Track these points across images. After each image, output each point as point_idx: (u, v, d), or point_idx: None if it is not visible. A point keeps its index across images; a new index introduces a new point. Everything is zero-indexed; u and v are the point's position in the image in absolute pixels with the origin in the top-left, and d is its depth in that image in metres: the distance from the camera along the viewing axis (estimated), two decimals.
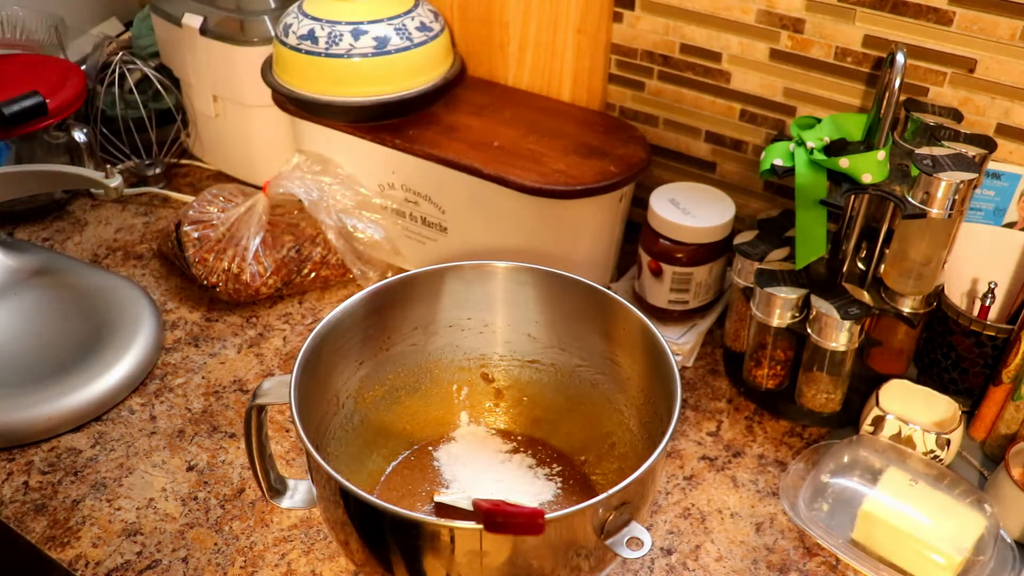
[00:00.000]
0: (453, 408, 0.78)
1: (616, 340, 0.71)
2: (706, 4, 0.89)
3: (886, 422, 0.78)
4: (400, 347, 0.74)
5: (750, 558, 0.74)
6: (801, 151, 0.77)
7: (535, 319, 0.74)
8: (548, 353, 0.75)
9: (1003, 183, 0.82)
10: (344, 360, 0.70)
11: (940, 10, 0.79)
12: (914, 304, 0.80)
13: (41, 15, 1.19)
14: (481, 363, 0.77)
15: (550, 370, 0.76)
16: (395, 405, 0.75)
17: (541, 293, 0.72)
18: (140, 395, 0.88)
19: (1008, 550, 0.72)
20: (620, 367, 0.72)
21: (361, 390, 0.72)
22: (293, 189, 0.97)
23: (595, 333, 0.71)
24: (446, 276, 0.72)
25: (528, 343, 0.75)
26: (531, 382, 0.77)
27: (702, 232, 0.87)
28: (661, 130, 1.00)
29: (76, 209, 1.12)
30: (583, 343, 0.73)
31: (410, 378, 0.76)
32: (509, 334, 0.75)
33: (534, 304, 0.73)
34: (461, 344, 0.76)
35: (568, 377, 0.75)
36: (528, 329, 0.74)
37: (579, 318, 0.72)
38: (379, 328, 0.71)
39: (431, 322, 0.74)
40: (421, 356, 0.75)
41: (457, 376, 0.77)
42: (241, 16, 1.04)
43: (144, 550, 0.74)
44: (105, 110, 1.15)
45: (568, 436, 0.77)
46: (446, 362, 0.76)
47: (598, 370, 0.73)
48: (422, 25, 0.95)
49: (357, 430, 0.73)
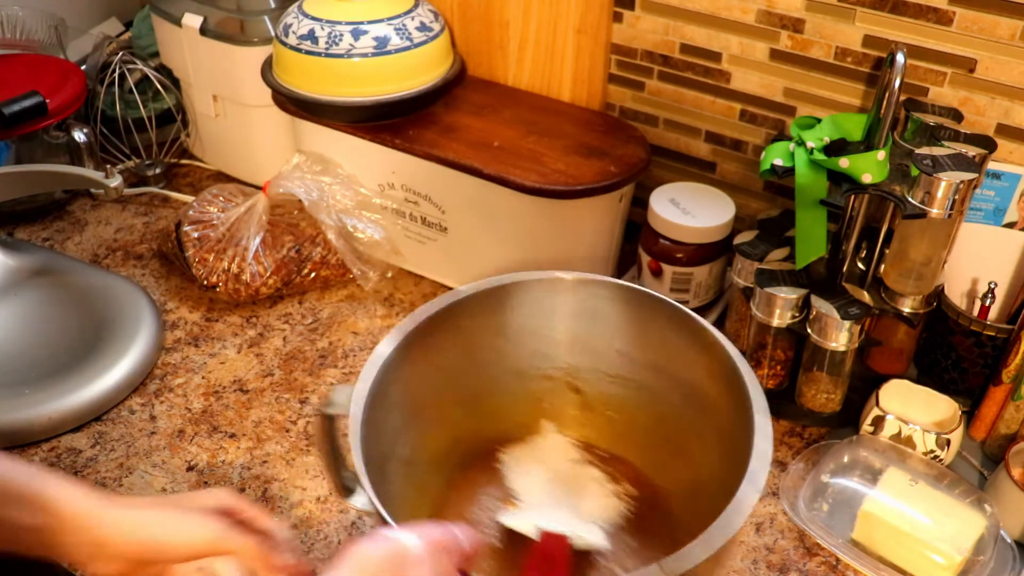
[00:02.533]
0: (536, 416, 0.76)
1: (708, 372, 0.67)
2: (706, 4, 0.89)
3: (886, 422, 0.78)
4: (483, 353, 0.71)
5: (750, 558, 0.74)
6: (801, 151, 0.77)
7: (627, 336, 0.71)
8: (638, 372, 0.72)
9: (1003, 183, 0.82)
10: (421, 368, 0.67)
11: (940, 10, 0.79)
12: (914, 304, 0.80)
13: (41, 15, 1.19)
14: (569, 374, 0.74)
15: (638, 389, 0.73)
16: (475, 411, 0.73)
17: (634, 311, 0.70)
18: (140, 395, 0.88)
19: (1008, 550, 0.72)
20: (708, 400, 0.68)
21: (440, 396, 0.70)
22: (293, 189, 0.97)
23: (686, 361, 0.68)
24: (534, 287, 0.70)
25: (619, 359, 0.72)
26: (617, 397, 0.74)
27: (702, 232, 0.87)
28: (661, 130, 1.00)
29: (76, 209, 1.12)
30: (673, 367, 0.70)
31: (493, 384, 0.73)
32: (600, 348, 0.72)
33: (626, 322, 0.70)
34: (548, 353, 0.73)
35: (655, 398, 0.72)
36: (619, 346, 0.72)
37: (671, 342, 0.68)
38: (459, 336, 0.69)
39: (518, 330, 0.71)
40: (506, 362, 0.73)
41: (543, 385, 0.75)
42: (241, 16, 1.04)
43: None
44: (105, 110, 1.15)
45: (650, 458, 0.74)
46: (532, 370, 0.74)
47: (686, 397, 0.70)
48: (422, 25, 0.95)
49: (434, 437, 0.71)
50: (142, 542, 0.58)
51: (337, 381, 0.89)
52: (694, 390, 0.69)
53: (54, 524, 0.57)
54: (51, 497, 0.57)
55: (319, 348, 0.93)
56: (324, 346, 0.94)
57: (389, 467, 0.65)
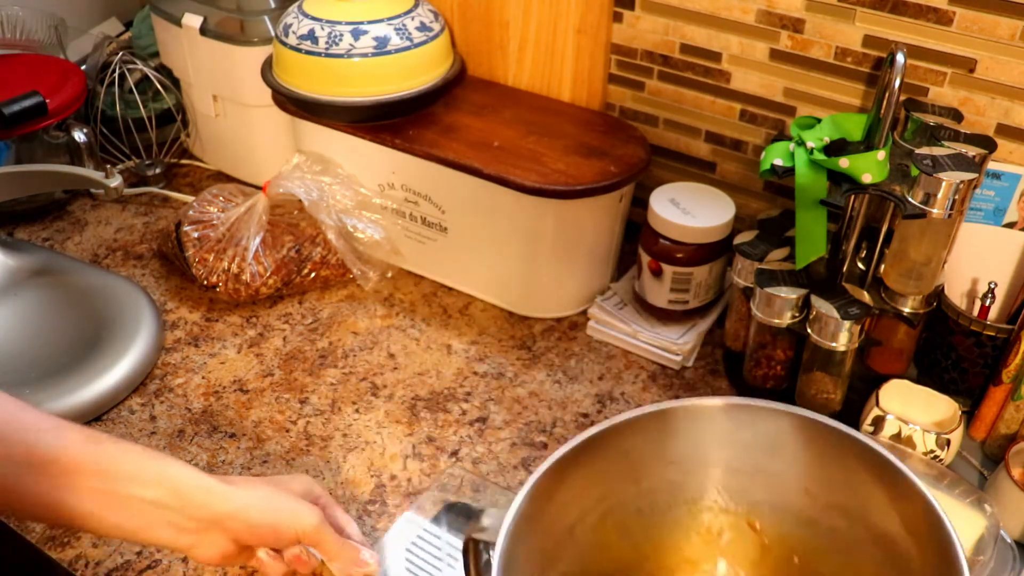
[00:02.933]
0: (710, 553, 0.68)
1: (909, 529, 0.59)
2: (706, 4, 0.89)
3: (886, 422, 0.78)
4: (651, 481, 0.65)
5: None
6: (801, 151, 0.77)
7: (814, 475, 0.64)
8: (828, 516, 0.64)
9: (1003, 183, 0.82)
10: (580, 493, 0.62)
11: (940, 10, 0.79)
12: (914, 304, 0.80)
13: (41, 15, 1.19)
14: (749, 509, 0.67)
15: (828, 535, 0.64)
16: (642, 543, 0.67)
17: (821, 449, 0.62)
18: (140, 395, 0.88)
19: (1008, 550, 0.72)
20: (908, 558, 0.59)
21: (601, 524, 0.64)
22: (293, 189, 0.97)
23: (882, 508, 0.60)
24: (705, 412, 0.64)
25: (805, 499, 0.65)
26: (804, 542, 0.65)
27: (702, 232, 0.87)
28: (661, 130, 1.00)
29: (76, 209, 1.12)
30: (866, 513, 0.62)
31: (663, 515, 0.67)
32: (784, 484, 0.65)
33: (812, 457, 0.63)
34: (728, 486, 0.66)
35: (848, 550, 0.63)
36: (806, 483, 0.64)
37: (864, 485, 0.61)
38: (624, 462, 0.63)
39: (689, 459, 0.65)
40: (678, 492, 0.66)
41: (719, 519, 0.68)
42: (241, 16, 1.04)
43: (144, 550, 0.74)
44: (105, 110, 1.15)
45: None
46: (707, 503, 0.67)
47: (882, 550, 0.61)
48: (422, 25, 0.95)
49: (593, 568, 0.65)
50: (253, 522, 0.59)
51: (337, 381, 0.89)
52: (888, 541, 0.61)
53: (172, 501, 0.57)
54: (172, 474, 0.58)
55: (319, 348, 0.93)
56: (324, 346, 0.94)
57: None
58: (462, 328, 0.96)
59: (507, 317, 0.98)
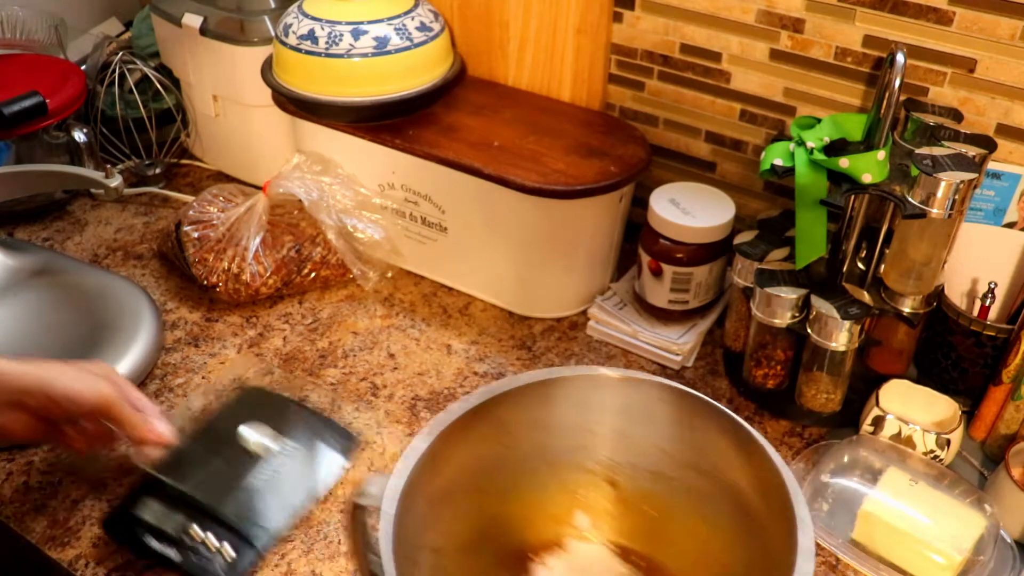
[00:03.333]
0: (573, 509, 0.73)
1: (755, 485, 0.65)
2: (706, 4, 0.89)
3: (886, 422, 0.78)
4: (522, 446, 0.69)
5: None
6: (801, 151, 0.77)
7: (669, 435, 0.69)
8: (681, 472, 0.69)
9: (1003, 183, 0.82)
10: (457, 458, 0.65)
11: (940, 10, 0.79)
12: (914, 304, 0.80)
13: (41, 15, 1.19)
14: (608, 468, 0.72)
15: (681, 490, 0.70)
16: (512, 502, 0.71)
17: (675, 411, 0.68)
18: None
19: (1008, 550, 0.72)
20: (755, 513, 0.65)
21: (476, 486, 0.68)
22: (293, 189, 0.97)
23: (730, 463, 0.66)
24: (573, 382, 0.68)
25: (661, 457, 0.70)
26: (658, 496, 0.71)
27: (702, 232, 0.87)
28: (661, 130, 1.00)
29: (76, 209, 1.12)
30: (718, 472, 0.67)
31: (531, 476, 0.71)
32: (641, 444, 0.70)
33: (668, 421, 0.69)
34: (588, 446, 0.71)
35: (699, 502, 0.69)
36: (662, 444, 0.69)
37: (714, 443, 0.66)
38: (499, 428, 0.67)
39: (556, 424, 0.70)
40: (545, 455, 0.71)
41: (581, 478, 0.72)
42: (241, 16, 1.04)
43: None
44: (105, 110, 1.15)
45: (690, 561, 0.71)
46: (571, 463, 0.72)
47: (732, 505, 0.67)
48: (422, 25, 0.95)
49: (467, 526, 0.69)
50: (53, 394, 0.62)
51: (337, 381, 0.89)
52: (737, 498, 0.66)
53: None
54: None
55: (319, 348, 0.93)
56: (324, 346, 0.94)
57: (420, 557, 0.63)
58: (462, 328, 0.96)
59: (507, 317, 0.98)
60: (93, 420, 0.66)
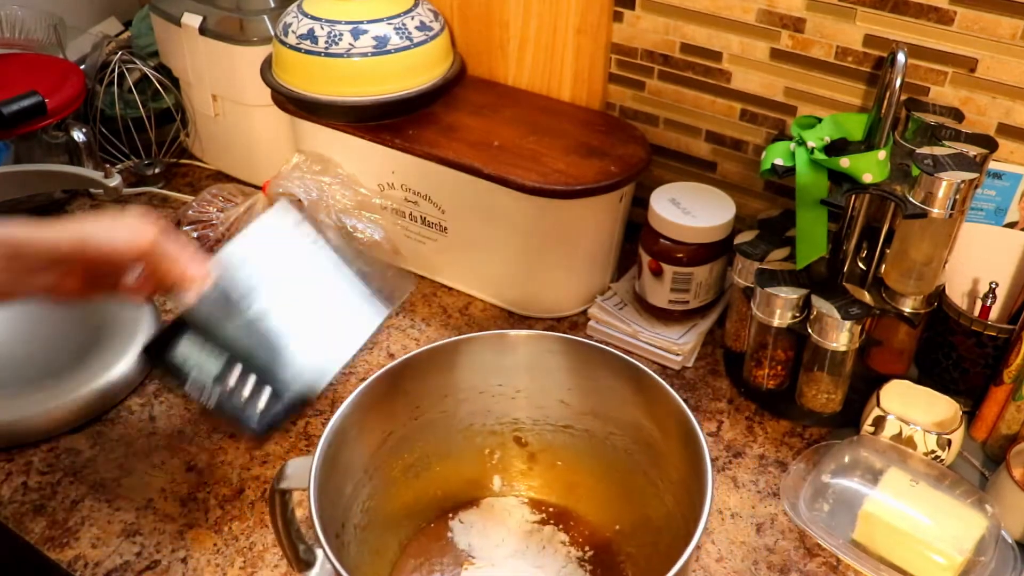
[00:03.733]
0: (486, 472, 0.77)
1: (652, 416, 0.69)
2: (706, 3, 0.89)
3: (887, 422, 0.78)
4: (430, 415, 0.72)
5: (751, 559, 0.74)
6: (802, 151, 0.77)
7: (568, 386, 0.72)
8: (582, 420, 0.73)
9: (1004, 183, 0.82)
10: (370, 435, 0.68)
11: (941, 9, 0.79)
12: (915, 304, 0.80)
13: (41, 15, 1.19)
14: (514, 427, 0.75)
15: (584, 436, 0.74)
16: (426, 473, 0.74)
17: (571, 362, 0.71)
18: (139, 395, 0.87)
19: (1009, 550, 0.72)
20: (655, 443, 0.69)
21: (389, 461, 0.70)
22: (293, 189, 0.96)
23: (630, 406, 0.69)
24: (474, 345, 0.71)
25: (562, 409, 0.74)
26: (565, 447, 0.75)
27: (702, 232, 0.87)
28: (661, 130, 1.00)
29: (76, 209, 1.12)
30: (618, 414, 0.71)
31: (441, 444, 0.74)
32: (542, 399, 0.74)
33: (564, 371, 0.72)
34: (493, 409, 0.74)
35: (602, 445, 0.73)
36: (561, 396, 0.73)
37: (614, 389, 0.70)
38: (404, 400, 0.70)
39: (459, 389, 0.72)
40: (452, 422, 0.73)
41: (489, 440, 0.75)
42: (241, 16, 1.04)
43: (143, 550, 0.74)
44: (104, 110, 1.15)
45: (602, 505, 0.75)
46: (478, 427, 0.75)
47: (633, 441, 0.71)
48: (422, 25, 0.95)
49: (386, 500, 0.71)
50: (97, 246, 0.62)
51: (336, 381, 0.89)
52: (638, 433, 0.70)
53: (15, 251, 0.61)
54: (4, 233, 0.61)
55: None
56: None
57: (345, 534, 0.65)
58: (462, 328, 0.96)
59: (507, 317, 0.98)
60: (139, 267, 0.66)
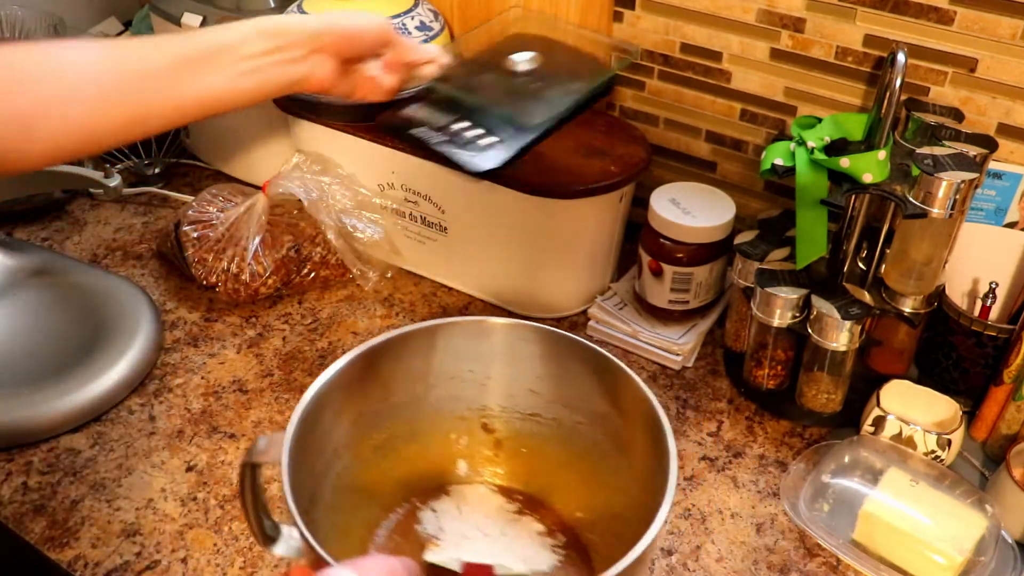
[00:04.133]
0: (452, 457, 0.77)
1: (618, 405, 0.70)
2: (706, 3, 0.89)
3: (887, 422, 0.78)
4: (399, 398, 0.73)
5: (751, 559, 0.74)
6: (802, 151, 0.77)
7: (537, 374, 0.73)
8: (551, 408, 0.74)
9: (1004, 183, 0.82)
10: (342, 414, 0.69)
11: (941, 9, 0.79)
12: (915, 304, 0.80)
13: (41, 15, 1.19)
14: (482, 414, 0.76)
15: (551, 425, 0.75)
16: (393, 455, 0.74)
17: (543, 350, 0.72)
18: (139, 395, 0.87)
19: (1009, 551, 0.72)
20: (621, 431, 0.70)
21: (359, 442, 0.71)
22: (293, 189, 0.97)
23: (597, 395, 0.71)
24: (445, 331, 0.71)
25: (530, 397, 0.74)
26: (532, 435, 0.76)
27: (702, 232, 0.87)
28: (661, 130, 1.00)
29: (75, 209, 1.12)
30: (585, 402, 0.72)
31: (409, 428, 0.74)
32: (511, 387, 0.74)
33: (536, 360, 0.73)
34: (462, 395, 0.75)
35: (569, 434, 0.74)
36: (530, 384, 0.74)
37: (581, 378, 0.71)
38: (377, 381, 0.70)
39: (431, 374, 0.73)
40: (421, 406, 0.74)
41: (457, 426, 0.76)
42: (240, 15, 1.04)
43: (143, 551, 0.74)
44: None
45: (567, 492, 0.76)
46: (446, 412, 0.75)
47: (600, 430, 0.72)
48: (422, 25, 0.95)
49: (353, 481, 0.72)
50: (344, 29, 0.67)
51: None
52: (604, 422, 0.71)
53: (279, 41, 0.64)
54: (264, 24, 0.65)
55: (319, 348, 0.93)
56: (324, 346, 0.93)
57: (314, 511, 0.65)
58: None
59: (507, 316, 0.97)
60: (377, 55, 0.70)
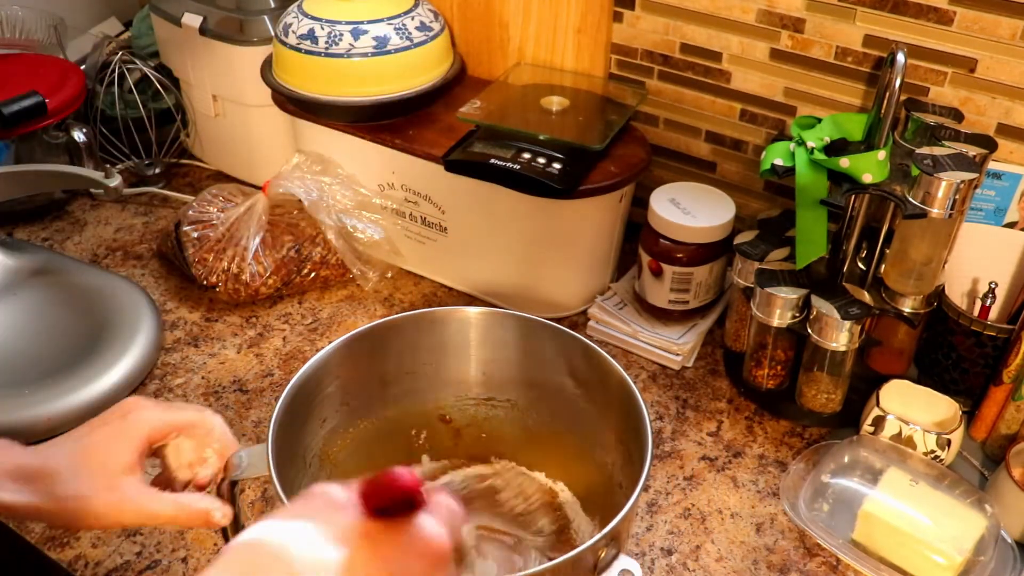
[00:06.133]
0: (415, 452, 0.78)
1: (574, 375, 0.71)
2: (706, 4, 0.89)
3: (886, 422, 0.78)
4: (362, 399, 0.73)
5: (750, 558, 0.74)
6: (801, 151, 0.77)
7: (486, 359, 0.74)
8: (501, 391, 0.76)
9: (1004, 183, 0.82)
10: (312, 421, 0.70)
11: (940, 10, 0.79)
12: (914, 304, 0.80)
13: (41, 15, 1.19)
14: (436, 405, 0.77)
15: (504, 406, 0.76)
16: (359, 457, 0.75)
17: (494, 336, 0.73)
18: (140, 395, 0.87)
19: (1009, 550, 0.72)
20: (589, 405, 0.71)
21: (327, 447, 0.72)
22: (293, 189, 0.97)
23: (561, 373, 0.71)
24: (403, 326, 0.72)
25: (480, 384, 0.76)
26: (486, 419, 0.77)
27: (702, 232, 0.87)
28: (661, 130, 1.00)
29: (75, 209, 1.12)
30: (544, 378, 0.73)
31: (372, 428, 0.75)
32: (463, 376, 0.75)
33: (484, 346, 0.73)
34: (418, 389, 0.76)
35: (523, 412, 0.76)
36: (483, 369, 0.75)
37: (545, 358, 0.72)
38: (340, 385, 0.71)
39: (390, 371, 0.74)
40: (384, 405, 0.75)
41: (417, 421, 0.77)
42: (241, 16, 1.04)
43: (144, 550, 0.74)
44: (105, 110, 1.15)
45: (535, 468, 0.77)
46: (407, 408, 0.76)
47: (563, 403, 0.73)
48: (422, 25, 0.95)
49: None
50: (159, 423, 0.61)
51: None
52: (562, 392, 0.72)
53: None
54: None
55: (319, 348, 0.93)
56: (324, 346, 0.93)
57: None
58: None
59: None
60: None
